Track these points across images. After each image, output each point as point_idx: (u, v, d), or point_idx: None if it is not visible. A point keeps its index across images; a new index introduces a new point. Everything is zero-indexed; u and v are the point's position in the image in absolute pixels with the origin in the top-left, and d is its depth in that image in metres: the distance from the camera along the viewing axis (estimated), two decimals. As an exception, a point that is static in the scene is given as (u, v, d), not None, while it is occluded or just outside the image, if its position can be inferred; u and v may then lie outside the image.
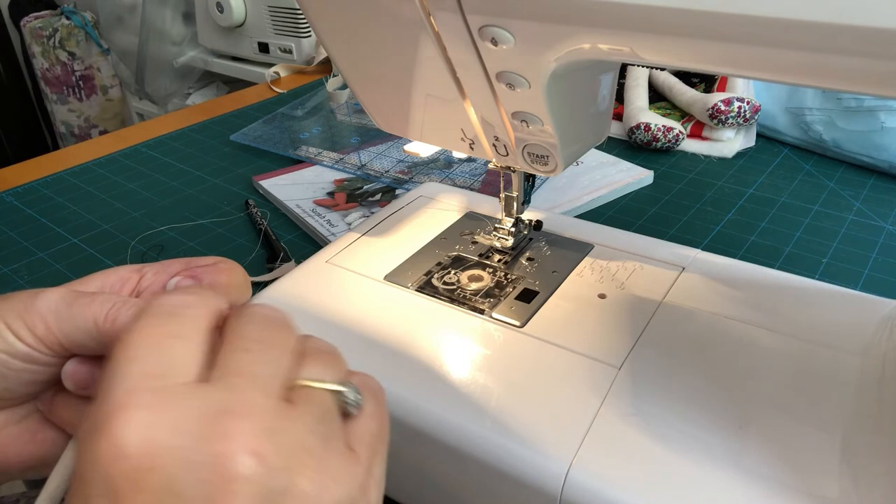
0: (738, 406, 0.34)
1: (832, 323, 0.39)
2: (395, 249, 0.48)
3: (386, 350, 0.39)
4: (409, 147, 0.48)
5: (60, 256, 0.66)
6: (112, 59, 1.96)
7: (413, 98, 0.41)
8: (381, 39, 0.38)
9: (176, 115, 1.02)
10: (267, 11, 1.21)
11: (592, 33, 0.29)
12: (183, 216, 0.72)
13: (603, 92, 0.40)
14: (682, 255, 0.46)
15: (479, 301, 0.43)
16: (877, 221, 0.65)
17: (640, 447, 0.32)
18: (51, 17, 2.04)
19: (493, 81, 0.35)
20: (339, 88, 0.97)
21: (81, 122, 2.14)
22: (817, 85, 0.26)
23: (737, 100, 0.77)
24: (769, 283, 0.43)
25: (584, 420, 0.33)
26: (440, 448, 0.34)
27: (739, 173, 0.76)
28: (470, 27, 0.32)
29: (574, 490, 0.31)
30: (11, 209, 0.75)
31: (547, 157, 0.39)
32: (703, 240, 0.64)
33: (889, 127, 0.70)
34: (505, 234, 0.48)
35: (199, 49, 1.48)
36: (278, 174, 0.77)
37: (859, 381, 0.35)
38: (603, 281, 0.44)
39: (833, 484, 0.30)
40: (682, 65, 0.29)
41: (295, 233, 0.68)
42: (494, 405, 0.35)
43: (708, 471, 0.31)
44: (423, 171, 0.76)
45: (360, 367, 0.27)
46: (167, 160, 0.86)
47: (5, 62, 2.27)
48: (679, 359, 0.37)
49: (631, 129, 0.81)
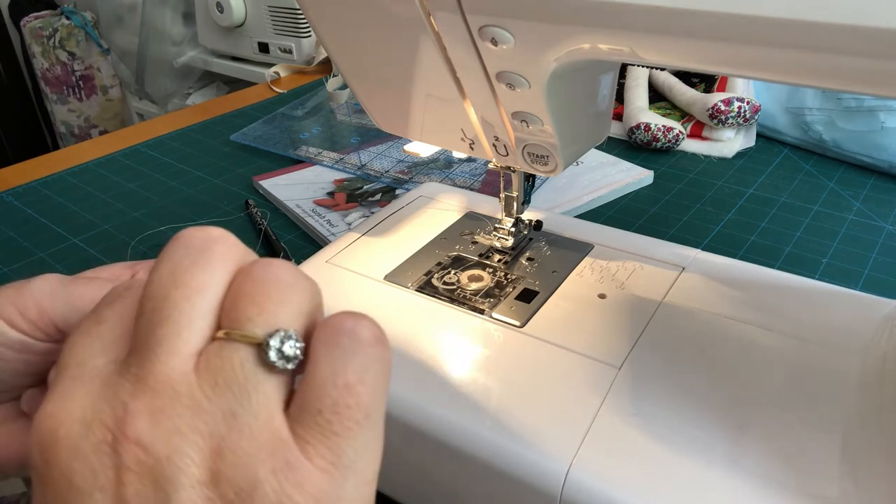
0: (738, 406, 0.34)
1: (832, 323, 0.39)
2: (395, 249, 0.48)
3: (386, 350, 0.39)
4: (409, 147, 0.48)
5: (60, 256, 0.66)
6: (112, 59, 1.96)
7: (413, 98, 0.41)
8: (381, 39, 0.38)
9: (176, 115, 1.02)
10: (267, 11, 1.21)
11: (592, 33, 0.29)
12: (183, 216, 0.72)
13: (603, 92, 0.40)
14: (682, 255, 0.46)
15: (479, 301, 0.43)
16: (877, 221, 0.65)
17: (640, 447, 0.32)
18: (51, 17, 2.04)
19: (493, 81, 0.35)
20: (339, 88, 0.97)
21: (81, 122, 2.14)
22: (817, 85, 0.26)
23: (737, 100, 0.77)
24: (769, 283, 0.43)
25: (584, 420, 0.33)
26: (440, 448, 0.34)
27: (739, 173, 0.76)
28: (470, 27, 0.32)
29: (574, 490, 0.31)
30: (11, 209, 0.75)
31: (547, 157, 0.39)
32: (703, 240, 0.64)
33: (889, 127, 0.70)
34: (505, 234, 0.48)
35: (199, 49, 1.48)
36: (278, 174, 0.77)
37: (859, 380, 0.35)
38: (603, 281, 0.44)
39: (833, 484, 0.30)
40: (682, 65, 0.29)
41: (295, 233, 0.68)
42: (494, 405, 0.35)
43: (708, 471, 0.31)
44: (423, 171, 0.76)
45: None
46: (167, 160, 0.86)
47: (5, 62, 2.27)
48: (679, 359, 0.37)
49: (631, 129, 0.81)
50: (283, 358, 0.19)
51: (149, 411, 0.18)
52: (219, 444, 0.18)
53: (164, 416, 0.18)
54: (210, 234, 0.21)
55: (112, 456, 0.18)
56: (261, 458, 0.18)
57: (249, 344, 0.19)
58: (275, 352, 0.19)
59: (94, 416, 0.18)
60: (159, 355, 0.18)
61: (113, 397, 0.18)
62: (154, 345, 0.19)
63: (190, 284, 0.19)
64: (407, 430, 0.35)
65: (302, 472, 0.18)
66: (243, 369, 0.18)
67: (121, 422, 0.18)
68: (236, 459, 0.18)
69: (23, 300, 0.24)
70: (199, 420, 0.18)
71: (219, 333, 0.19)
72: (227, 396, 0.18)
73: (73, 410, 0.18)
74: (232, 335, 0.19)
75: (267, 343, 0.19)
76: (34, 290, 0.25)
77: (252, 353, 0.19)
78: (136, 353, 0.19)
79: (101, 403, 0.18)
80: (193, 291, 0.19)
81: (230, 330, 0.19)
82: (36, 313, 0.24)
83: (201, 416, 0.18)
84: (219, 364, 0.18)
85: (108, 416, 0.18)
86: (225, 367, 0.18)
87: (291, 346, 0.19)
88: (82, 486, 0.17)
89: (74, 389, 0.19)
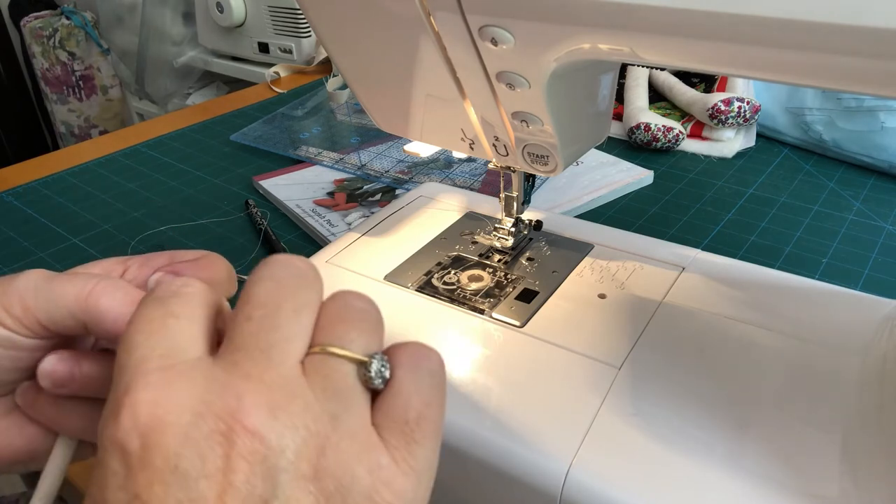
0: (738, 406, 0.34)
1: (832, 323, 0.39)
2: (395, 249, 0.48)
3: (386, 350, 0.39)
4: (409, 147, 0.48)
5: (60, 256, 0.66)
6: (112, 59, 1.96)
7: (413, 98, 0.41)
8: (381, 39, 0.38)
9: (176, 115, 1.02)
10: (267, 11, 1.22)
11: (592, 33, 0.29)
12: (183, 216, 0.72)
13: (603, 92, 0.40)
14: (682, 255, 0.46)
15: (479, 301, 0.43)
16: (877, 221, 0.65)
17: (640, 447, 0.32)
18: (51, 17, 2.05)
19: (493, 81, 0.35)
20: (339, 88, 0.97)
21: (81, 122, 2.14)
22: (817, 85, 0.26)
23: (737, 100, 0.77)
24: (769, 283, 0.43)
25: (584, 420, 0.33)
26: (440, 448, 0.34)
27: (739, 173, 0.76)
28: (470, 27, 0.32)
29: (574, 490, 0.31)
30: (11, 209, 0.75)
31: (547, 157, 0.39)
32: (703, 240, 0.64)
33: (889, 127, 0.70)
34: (505, 234, 0.48)
35: (199, 49, 1.48)
36: (278, 174, 0.77)
37: (859, 380, 0.35)
38: (603, 281, 0.44)
39: (833, 484, 0.30)
40: (682, 65, 0.29)
41: (295, 233, 0.68)
42: (494, 405, 0.35)
43: (708, 471, 0.31)
44: (423, 171, 0.76)
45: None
46: (167, 160, 0.86)
47: (5, 62, 2.27)
48: (679, 359, 0.37)
49: (631, 129, 0.81)
50: (380, 377, 0.22)
51: (266, 405, 0.19)
52: (323, 443, 0.20)
53: (281, 410, 0.19)
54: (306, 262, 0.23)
55: (224, 445, 0.19)
56: (359, 457, 0.20)
57: (352, 361, 0.22)
58: (375, 371, 0.22)
59: (204, 406, 0.19)
60: (272, 357, 0.20)
61: (222, 390, 0.20)
62: (267, 348, 0.21)
63: (299, 300, 0.22)
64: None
65: (390, 472, 0.21)
66: (348, 380, 0.21)
67: (236, 413, 0.19)
68: (338, 457, 0.20)
69: (7, 297, 0.25)
70: (309, 418, 0.20)
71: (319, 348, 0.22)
72: (334, 401, 0.21)
73: (180, 399, 0.19)
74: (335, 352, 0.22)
75: (370, 363, 0.22)
76: (19, 287, 0.25)
77: (354, 369, 0.22)
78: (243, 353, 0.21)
79: (209, 395, 0.19)
80: (302, 306, 0.22)
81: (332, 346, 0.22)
82: (20, 310, 0.25)
83: (311, 415, 0.20)
84: (328, 373, 0.21)
85: (220, 408, 0.19)
86: (334, 376, 0.21)
87: (385, 369, 0.22)
88: (189, 471, 0.18)
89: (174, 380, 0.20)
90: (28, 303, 0.25)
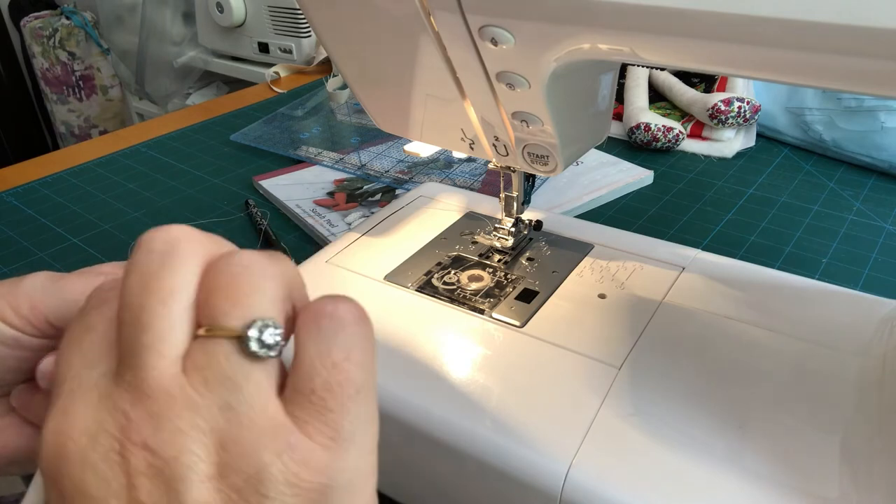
0: (738, 406, 0.34)
1: (832, 323, 0.39)
2: (395, 249, 0.48)
3: (386, 350, 0.39)
4: (409, 147, 0.48)
5: (60, 256, 0.66)
6: (112, 59, 1.96)
7: (413, 98, 0.41)
8: (381, 39, 0.38)
9: (176, 115, 1.02)
10: (267, 11, 1.22)
11: (592, 33, 0.29)
12: (183, 216, 0.72)
13: (603, 92, 0.40)
14: (682, 255, 0.46)
15: (479, 301, 0.43)
16: (877, 221, 0.65)
17: (640, 447, 0.32)
18: (51, 17, 2.04)
19: (493, 81, 0.35)
20: (339, 88, 0.97)
21: (81, 122, 2.14)
22: (817, 85, 0.26)
23: (737, 100, 0.77)
24: (769, 283, 0.43)
25: (584, 420, 0.33)
26: (440, 448, 0.34)
27: (739, 173, 0.76)
28: (470, 27, 0.32)
29: (574, 490, 0.31)
30: (11, 209, 0.75)
31: (547, 157, 0.39)
32: (703, 240, 0.64)
33: (889, 127, 0.70)
34: (505, 234, 0.48)
35: (199, 49, 1.48)
36: (278, 174, 0.77)
37: (859, 381, 0.35)
38: (603, 281, 0.44)
39: (833, 484, 0.30)
40: (682, 65, 0.29)
41: (295, 233, 0.68)
42: (494, 405, 0.35)
43: (708, 471, 0.31)
44: (423, 171, 0.76)
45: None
46: (167, 160, 0.86)
47: (5, 62, 2.27)
48: (679, 359, 0.37)
49: (631, 129, 0.81)
50: (264, 346, 0.19)
51: (149, 416, 0.18)
52: (221, 438, 0.18)
53: (164, 419, 0.18)
54: (171, 235, 0.21)
55: (122, 463, 0.18)
56: (263, 443, 0.18)
57: (230, 337, 0.19)
58: (255, 342, 0.19)
59: (98, 427, 0.19)
60: (147, 362, 0.19)
61: (113, 407, 0.19)
62: (140, 353, 0.19)
63: (162, 289, 0.19)
64: (407, 430, 0.35)
65: (304, 450, 0.19)
66: (229, 363, 0.19)
67: (125, 430, 0.18)
68: (240, 449, 0.18)
69: (15, 296, 0.25)
70: (198, 418, 0.18)
71: (199, 332, 0.19)
72: (220, 391, 0.19)
73: (77, 423, 0.19)
74: (212, 331, 0.19)
75: (246, 334, 0.19)
76: (26, 286, 0.25)
77: (234, 346, 0.19)
78: (125, 363, 0.19)
79: (102, 414, 0.19)
80: (167, 295, 0.19)
81: (209, 326, 0.19)
82: (28, 309, 0.25)
83: (199, 413, 0.18)
84: (205, 361, 0.19)
85: (111, 426, 0.19)
86: (211, 363, 0.19)
87: (271, 334, 0.19)
88: (97, 494, 0.18)
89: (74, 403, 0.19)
90: (36, 301, 0.25)
